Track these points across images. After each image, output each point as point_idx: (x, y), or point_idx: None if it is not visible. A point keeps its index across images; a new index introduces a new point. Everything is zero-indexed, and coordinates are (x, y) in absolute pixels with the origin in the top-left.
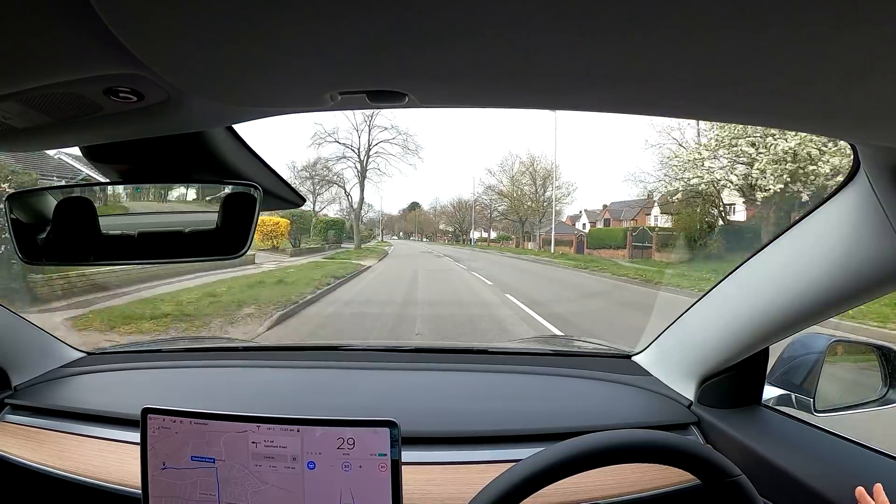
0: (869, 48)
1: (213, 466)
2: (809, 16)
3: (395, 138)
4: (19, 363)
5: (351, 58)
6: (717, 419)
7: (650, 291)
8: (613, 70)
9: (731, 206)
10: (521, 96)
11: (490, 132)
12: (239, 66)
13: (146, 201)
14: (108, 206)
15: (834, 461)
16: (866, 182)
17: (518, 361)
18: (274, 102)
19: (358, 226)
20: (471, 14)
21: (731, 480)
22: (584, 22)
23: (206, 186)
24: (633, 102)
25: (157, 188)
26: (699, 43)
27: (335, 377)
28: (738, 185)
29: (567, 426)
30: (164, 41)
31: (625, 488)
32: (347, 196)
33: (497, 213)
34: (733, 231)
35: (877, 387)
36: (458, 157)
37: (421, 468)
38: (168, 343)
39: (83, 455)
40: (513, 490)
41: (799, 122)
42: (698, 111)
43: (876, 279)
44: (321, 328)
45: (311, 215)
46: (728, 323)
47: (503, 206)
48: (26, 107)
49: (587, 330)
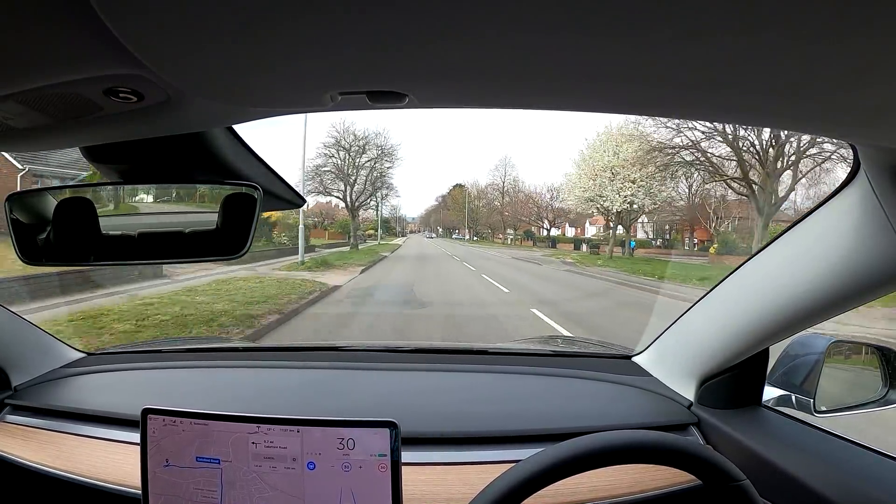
0: (869, 49)
1: (219, 467)
2: (809, 16)
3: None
4: (19, 363)
5: (351, 58)
6: (717, 420)
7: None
8: (613, 70)
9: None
10: (522, 96)
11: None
12: (239, 66)
13: (146, 202)
14: (109, 206)
15: (834, 462)
16: (866, 182)
17: (518, 362)
18: (274, 103)
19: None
20: (471, 14)
21: (734, 485)
22: (584, 22)
23: (207, 187)
24: (633, 103)
25: (157, 188)
26: (699, 43)
27: (335, 377)
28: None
29: (567, 426)
30: (165, 41)
31: (625, 489)
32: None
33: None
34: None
35: (877, 387)
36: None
37: (421, 468)
38: (168, 343)
39: (83, 455)
40: (513, 490)
41: (799, 122)
42: (698, 111)
43: (876, 279)
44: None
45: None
46: (728, 323)
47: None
48: (26, 107)
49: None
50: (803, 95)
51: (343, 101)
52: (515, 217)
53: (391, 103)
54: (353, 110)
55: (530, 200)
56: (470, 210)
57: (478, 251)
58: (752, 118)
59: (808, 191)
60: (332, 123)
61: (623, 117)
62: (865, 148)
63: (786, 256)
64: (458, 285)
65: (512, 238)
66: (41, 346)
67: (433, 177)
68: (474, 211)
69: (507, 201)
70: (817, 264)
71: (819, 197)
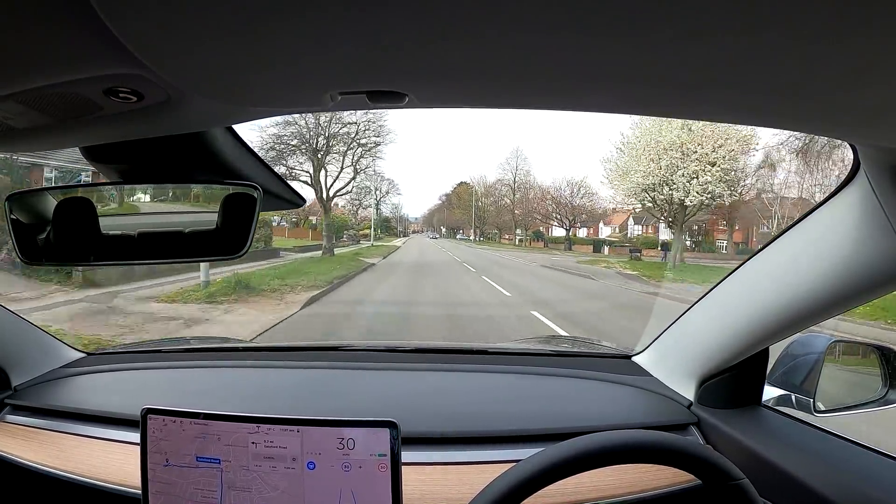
0: (869, 49)
1: (219, 467)
2: (809, 16)
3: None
4: (19, 363)
5: (351, 58)
6: (717, 419)
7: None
8: (614, 70)
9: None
10: (522, 96)
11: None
12: (239, 66)
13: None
14: (108, 206)
15: (834, 461)
16: (866, 182)
17: (518, 362)
18: (274, 102)
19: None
20: (471, 14)
21: (733, 484)
22: (585, 22)
23: (206, 187)
24: (633, 102)
25: (157, 188)
26: (700, 43)
27: (335, 377)
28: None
29: (567, 426)
30: (165, 41)
31: (625, 488)
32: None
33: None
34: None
35: (877, 387)
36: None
37: (421, 468)
38: (168, 343)
39: (83, 455)
40: (514, 490)
41: (799, 122)
42: (698, 111)
43: (876, 279)
44: None
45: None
46: (728, 323)
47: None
48: (26, 107)
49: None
50: (803, 95)
51: (343, 100)
52: (527, 216)
53: (391, 103)
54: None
55: (547, 196)
56: (476, 208)
57: (490, 255)
58: (753, 118)
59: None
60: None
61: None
62: (865, 148)
63: (786, 256)
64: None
65: (521, 239)
66: (41, 346)
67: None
68: (481, 209)
69: (518, 198)
70: (817, 264)
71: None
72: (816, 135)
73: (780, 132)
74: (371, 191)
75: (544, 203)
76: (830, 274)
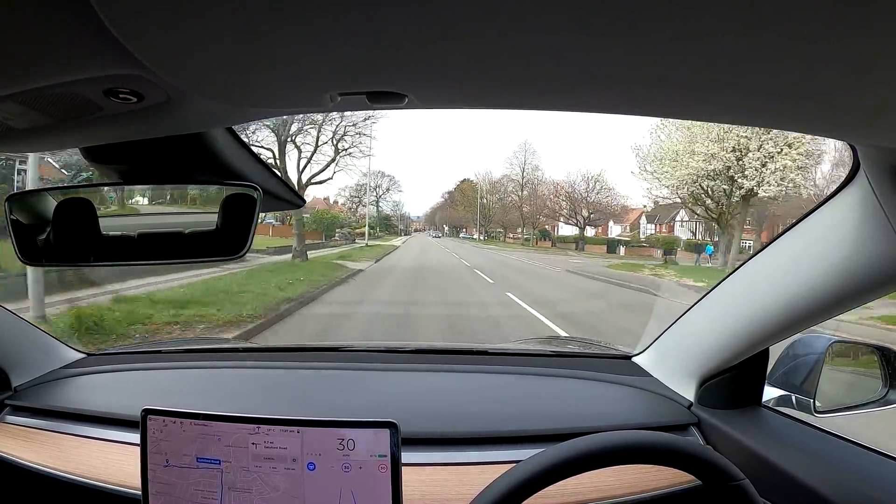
0: (869, 49)
1: (219, 468)
2: (809, 16)
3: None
4: (19, 364)
5: (351, 58)
6: (717, 420)
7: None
8: (614, 70)
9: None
10: (522, 97)
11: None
12: (239, 66)
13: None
14: (108, 206)
15: (834, 462)
16: (866, 182)
17: (518, 362)
18: (274, 103)
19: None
20: (471, 14)
21: (734, 484)
22: (585, 22)
23: (206, 187)
24: (633, 103)
25: (156, 189)
26: (700, 43)
27: (335, 378)
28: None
29: (567, 427)
30: (165, 42)
31: (625, 489)
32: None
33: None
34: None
35: (877, 387)
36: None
37: (421, 469)
38: (168, 344)
39: (83, 456)
40: (514, 491)
41: (799, 122)
42: (698, 111)
43: (876, 279)
44: None
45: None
46: (728, 323)
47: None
48: (26, 107)
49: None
50: (803, 95)
51: (343, 101)
52: (536, 213)
53: (391, 103)
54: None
55: (560, 191)
56: (481, 206)
57: (500, 257)
58: (753, 118)
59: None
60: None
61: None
62: (865, 148)
63: (786, 256)
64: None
65: (527, 238)
66: (41, 346)
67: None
68: (486, 206)
69: (526, 194)
70: (817, 264)
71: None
72: (816, 135)
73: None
74: (369, 187)
75: (557, 199)
76: (830, 274)
